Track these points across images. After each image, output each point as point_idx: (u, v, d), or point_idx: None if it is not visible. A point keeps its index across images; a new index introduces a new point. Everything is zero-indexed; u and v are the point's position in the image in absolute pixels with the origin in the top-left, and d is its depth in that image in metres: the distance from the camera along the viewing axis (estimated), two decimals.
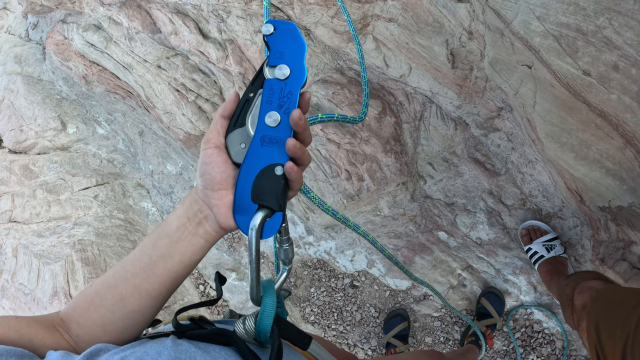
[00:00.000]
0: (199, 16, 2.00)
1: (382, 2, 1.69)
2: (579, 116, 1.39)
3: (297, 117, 0.61)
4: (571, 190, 1.66)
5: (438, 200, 2.01)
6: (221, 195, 0.64)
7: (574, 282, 1.39)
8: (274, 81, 0.64)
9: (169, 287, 0.67)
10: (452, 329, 2.15)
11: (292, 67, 0.64)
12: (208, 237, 0.66)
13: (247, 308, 2.37)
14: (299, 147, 0.61)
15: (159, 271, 0.65)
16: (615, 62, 1.24)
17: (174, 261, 0.65)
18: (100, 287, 0.67)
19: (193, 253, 0.66)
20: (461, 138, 1.88)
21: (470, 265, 2.06)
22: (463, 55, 1.64)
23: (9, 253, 2.67)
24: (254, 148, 0.63)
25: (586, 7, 1.22)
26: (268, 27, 0.66)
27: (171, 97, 2.09)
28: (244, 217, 0.62)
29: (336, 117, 0.79)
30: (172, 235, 0.66)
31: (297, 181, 0.63)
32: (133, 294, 0.65)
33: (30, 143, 2.91)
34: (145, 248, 0.67)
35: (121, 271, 0.67)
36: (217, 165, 0.63)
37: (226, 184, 0.64)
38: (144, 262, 0.66)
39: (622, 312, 1.08)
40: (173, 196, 2.58)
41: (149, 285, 0.65)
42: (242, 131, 0.65)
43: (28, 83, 2.92)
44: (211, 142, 0.64)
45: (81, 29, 2.34)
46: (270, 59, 0.65)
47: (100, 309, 0.66)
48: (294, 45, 0.65)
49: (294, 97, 0.63)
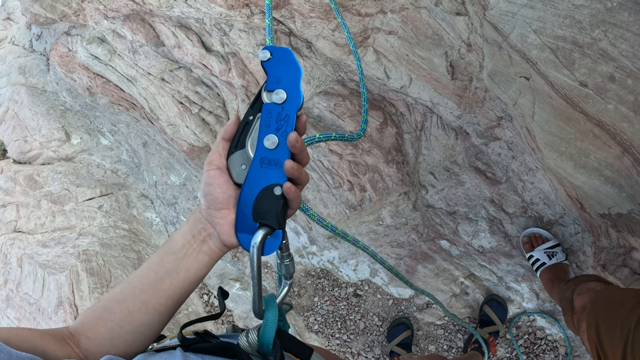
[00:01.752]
0: (202, 30, 2.03)
1: (382, 15, 1.71)
2: (577, 126, 1.41)
3: (294, 140, 0.63)
4: (571, 198, 1.67)
5: (440, 209, 2.02)
6: (223, 215, 0.67)
7: (574, 285, 1.41)
8: (271, 105, 0.67)
9: (175, 302, 0.70)
10: (455, 336, 2.16)
11: (289, 92, 0.67)
12: (212, 254, 0.70)
13: (251, 317, 2.38)
14: (297, 168, 0.64)
15: (166, 287, 0.68)
16: (612, 74, 1.26)
17: (179, 277, 0.68)
18: (109, 302, 0.70)
19: (198, 269, 0.69)
20: (462, 147, 1.90)
21: (473, 273, 2.07)
22: (462, 66, 1.67)
23: (13, 263, 2.69)
24: (253, 169, 0.66)
25: (582, 20, 1.24)
26: (265, 53, 0.68)
27: (175, 110, 2.12)
28: (245, 235, 0.66)
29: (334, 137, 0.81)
30: (177, 252, 0.69)
31: (295, 200, 0.66)
32: (141, 309, 0.68)
33: (35, 153, 2.93)
34: (152, 264, 0.70)
35: (129, 287, 0.70)
36: (219, 185, 0.66)
37: (228, 203, 0.67)
38: (150, 278, 0.69)
39: (622, 313, 1.09)
40: (177, 207, 2.60)
41: (156, 300, 0.68)
42: (243, 153, 0.68)
43: (32, 94, 2.95)
44: (213, 163, 0.67)
45: (85, 42, 2.37)
46: (268, 84, 0.68)
47: (108, 324, 0.68)
48: (290, 71, 0.68)
49: (290, 120, 0.66)
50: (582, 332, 1.25)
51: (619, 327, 1.07)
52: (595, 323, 1.17)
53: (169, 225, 2.64)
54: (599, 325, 1.15)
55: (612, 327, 1.10)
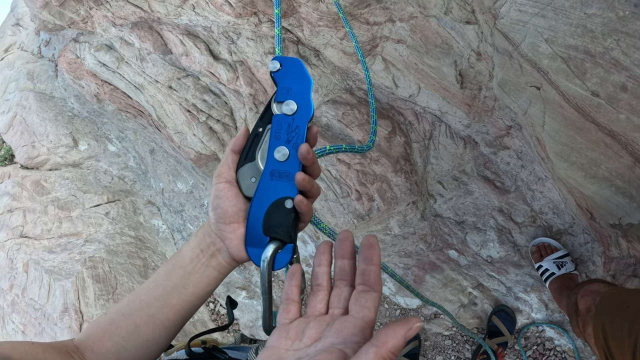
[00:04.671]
0: (210, 38, 2.03)
1: (390, 23, 1.71)
2: (588, 135, 1.40)
3: (306, 152, 0.62)
4: (581, 208, 1.66)
5: (448, 218, 2.01)
6: (233, 229, 0.66)
7: (577, 288, 1.40)
8: (281, 116, 0.66)
9: (182, 316, 0.69)
10: (463, 347, 2.14)
11: (299, 103, 0.66)
12: (221, 269, 0.68)
13: (257, 326, 2.37)
14: (308, 180, 0.63)
15: (173, 301, 0.67)
16: (624, 83, 1.25)
17: (187, 292, 0.67)
18: (115, 315, 0.69)
19: (206, 284, 0.68)
20: (470, 156, 1.89)
21: (481, 283, 2.05)
22: (472, 75, 1.66)
23: (19, 268, 2.69)
24: (264, 182, 0.65)
25: (594, 29, 1.24)
26: (275, 64, 0.67)
27: (182, 118, 2.12)
28: (255, 250, 0.65)
29: (344, 148, 0.80)
30: (185, 267, 0.68)
31: (307, 213, 0.64)
32: (147, 323, 0.67)
33: (42, 159, 2.94)
34: (159, 278, 0.69)
35: (135, 300, 0.69)
36: (228, 199, 0.65)
37: (238, 217, 0.65)
38: (158, 292, 0.68)
39: (628, 316, 1.08)
40: (183, 214, 2.60)
41: (163, 315, 0.67)
42: (252, 165, 0.67)
43: (40, 100, 2.97)
44: (222, 176, 0.66)
45: (93, 49, 2.38)
46: (278, 94, 0.67)
47: (114, 338, 0.68)
48: (301, 81, 0.67)
49: (301, 131, 0.65)
50: (588, 336, 1.23)
51: (627, 332, 1.06)
52: (601, 327, 1.16)
53: (175, 232, 2.64)
54: (605, 329, 1.14)
55: (619, 331, 1.09)
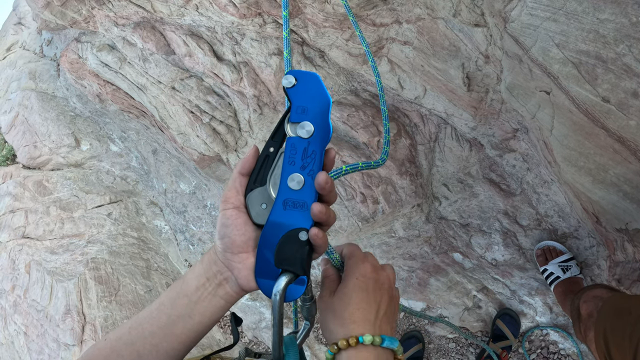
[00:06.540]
0: (213, 38, 2.01)
1: (397, 25, 1.69)
2: (597, 141, 1.39)
3: (324, 182, 0.58)
4: (587, 212, 1.65)
5: (453, 221, 2.00)
6: (242, 259, 0.62)
7: (581, 293, 1.39)
8: (296, 139, 0.60)
9: (187, 345, 0.66)
10: (467, 350, 2.13)
11: (316, 125, 0.60)
12: (228, 298, 0.65)
13: (260, 328, 2.36)
14: (325, 211, 0.59)
15: (178, 331, 0.64)
16: (635, 89, 1.23)
17: (193, 322, 0.64)
18: (116, 343, 0.66)
19: (213, 313, 0.65)
20: (476, 159, 1.87)
21: (486, 286, 2.05)
22: (479, 78, 1.64)
23: (21, 269, 2.68)
24: (276, 212, 0.60)
25: (606, 34, 1.22)
26: (289, 79, 0.61)
27: (185, 119, 2.10)
28: (266, 281, 0.60)
29: (360, 166, 0.74)
30: (191, 296, 0.64)
31: (322, 246, 0.61)
32: (151, 352, 0.64)
33: (44, 159, 2.93)
34: (163, 307, 0.66)
35: (138, 328, 0.66)
36: (236, 227, 0.61)
37: (247, 246, 0.62)
38: (162, 321, 0.65)
39: (630, 322, 1.08)
40: (186, 215, 2.59)
41: (168, 345, 0.64)
42: (263, 190, 0.62)
43: (42, 99, 2.95)
44: (230, 201, 0.62)
45: (95, 49, 2.36)
46: (292, 115, 0.61)
47: None
48: (318, 100, 0.61)
49: (318, 157, 0.60)
50: (589, 341, 1.23)
51: (628, 337, 1.06)
52: (603, 332, 1.16)
53: (178, 233, 2.63)
54: (606, 334, 1.15)
55: (621, 337, 1.09)
